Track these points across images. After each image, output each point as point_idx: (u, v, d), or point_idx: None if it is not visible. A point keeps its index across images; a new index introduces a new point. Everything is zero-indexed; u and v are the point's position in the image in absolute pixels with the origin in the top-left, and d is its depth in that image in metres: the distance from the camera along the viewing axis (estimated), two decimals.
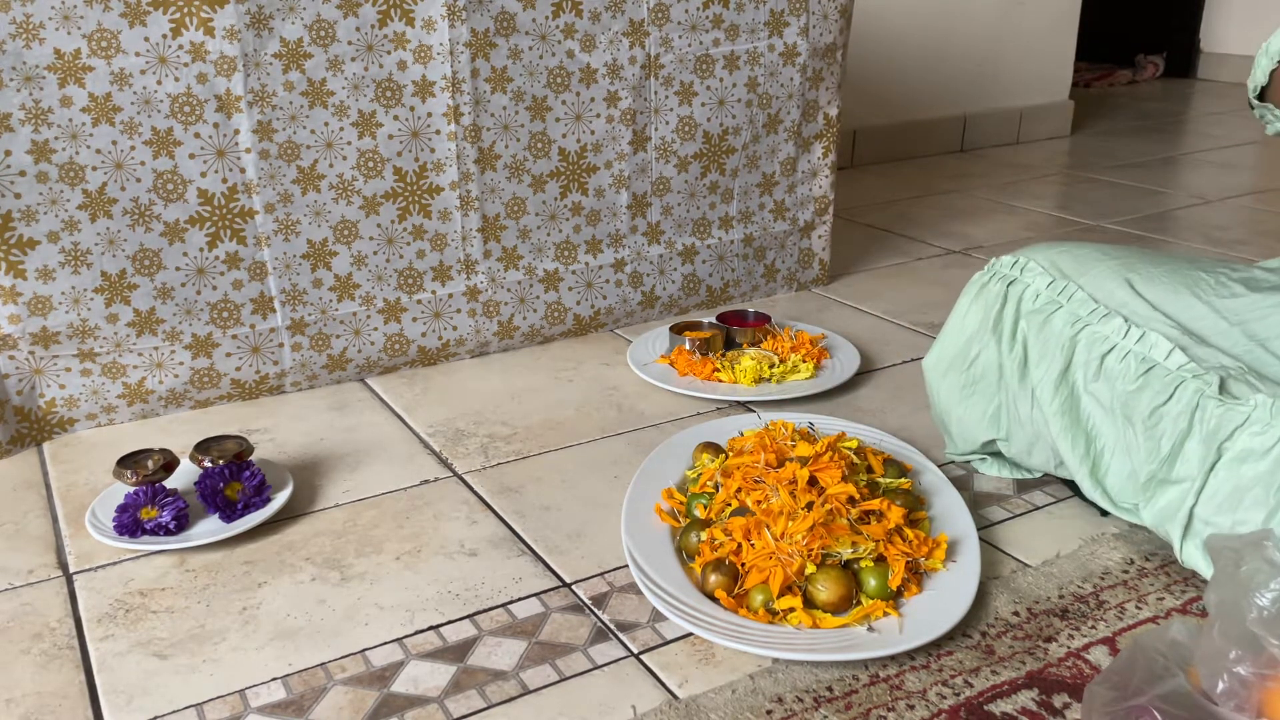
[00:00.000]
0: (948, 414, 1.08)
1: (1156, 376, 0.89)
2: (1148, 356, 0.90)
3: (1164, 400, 0.88)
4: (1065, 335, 0.95)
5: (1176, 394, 0.87)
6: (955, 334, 1.06)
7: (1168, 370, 0.88)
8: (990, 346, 1.02)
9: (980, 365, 1.03)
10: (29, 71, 1.06)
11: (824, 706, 0.76)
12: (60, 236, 1.12)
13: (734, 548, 0.88)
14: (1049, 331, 0.97)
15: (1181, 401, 0.87)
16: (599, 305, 1.48)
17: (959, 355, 1.05)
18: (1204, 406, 0.86)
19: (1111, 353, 0.92)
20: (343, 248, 1.27)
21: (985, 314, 1.03)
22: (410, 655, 0.83)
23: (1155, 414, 0.88)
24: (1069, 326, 0.95)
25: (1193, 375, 0.87)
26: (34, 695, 0.79)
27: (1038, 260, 1.01)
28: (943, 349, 1.08)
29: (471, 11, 1.24)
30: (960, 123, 2.75)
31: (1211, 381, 0.86)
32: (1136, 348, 0.91)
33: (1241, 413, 0.83)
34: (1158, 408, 0.88)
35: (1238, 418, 0.83)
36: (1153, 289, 0.96)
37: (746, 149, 1.51)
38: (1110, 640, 0.83)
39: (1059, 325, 0.96)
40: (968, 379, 1.05)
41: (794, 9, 1.46)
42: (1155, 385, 0.88)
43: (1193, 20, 3.95)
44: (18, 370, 1.16)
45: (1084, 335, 0.94)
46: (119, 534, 0.97)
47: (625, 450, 1.16)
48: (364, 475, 1.11)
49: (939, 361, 1.08)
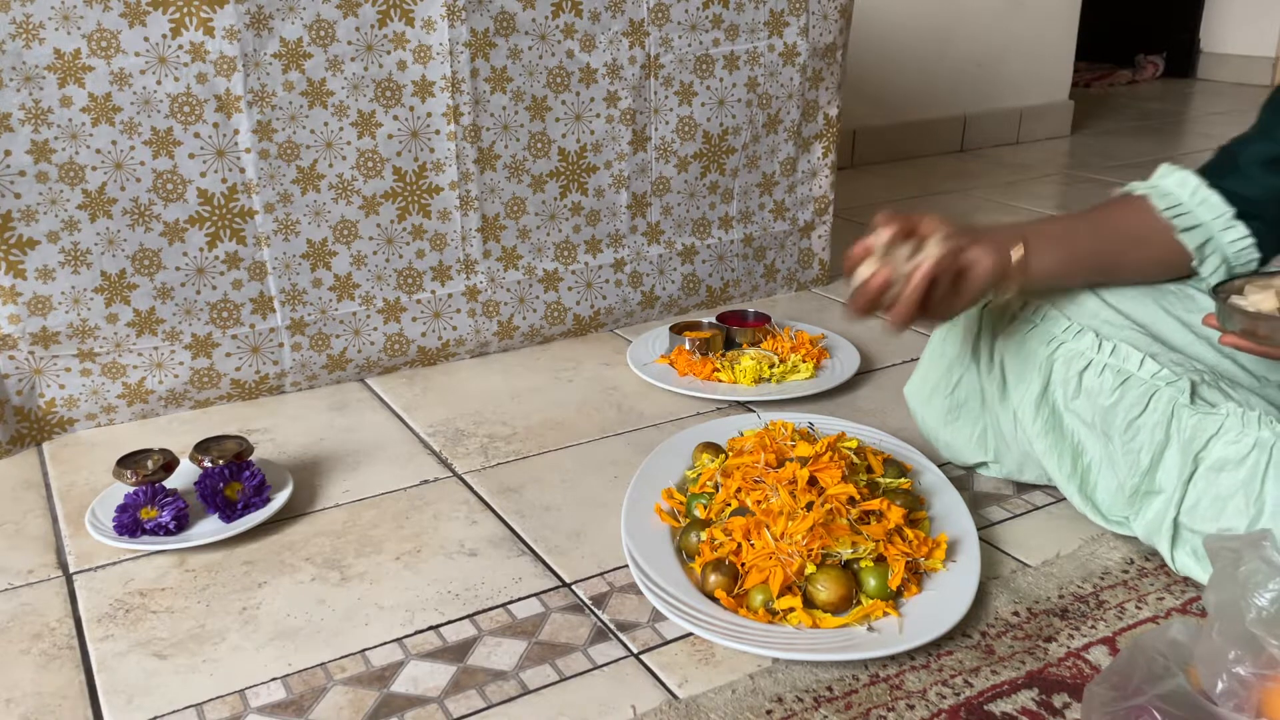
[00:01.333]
0: (934, 437, 1.09)
1: (1132, 388, 0.89)
2: (1121, 369, 0.90)
3: (1140, 412, 0.88)
4: (1041, 355, 0.96)
5: (1151, 404, 0.88)
6: (935, 360, 1.07)
7: (1142, 380, 0.89)
8: (971, 371, 1.03)
9: (963, 390, 1.05)
10: (29, 71, 1.06)
11: (824, 706, 0.76)
12: (60, 236, 1.12)
13: (734, 548, 0.88)
14: (1025, 352, 0.97)
15: (1157, 411, 0.87)
16: (599, 305, 1.48)
17: (941, 381, 1.06)
18: (1179, 415, 0.86)
19: (1088, 369, 0.92)
20: (342, 248, 1.27)
21: (963, 339, 1.04)
22: (410, 655, 0.83)
23: (1132, 427, 0.89)
24: (1044, 346, 0.96)
25: (1166, 383, 0.88)
26: (34, 695, 0.79)
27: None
28: (923, 376, 1.09)
29: (471, 11, 1.24)
30: (960, 123, 2.75)
31: (1184, 389, 0.87)
32: (1110, 361, 0.91)
33: (1215, 421, 0.84)
34: (1134, 420, 0.89)
35: (1211, 426, 0.84)
36: (1121, 299, 0.96)
37: (746, 149, 1.51)
38: (1110, 640, 0.83)
39: (1034, 345, 0.96)
40: (951, 404, 1.06)
41: (794, 9, 1.46)
42: (1131, 397, 0.89)
43: (1193, 20, 3.95)
44: (17, 370, 1.16)
45: (1060, 353, 0.94)
46: (119, 534, 0.97)
47: (625, 450, 1.16)
48: (364, 475, 1.11)
49: (920, 389, 1.09)
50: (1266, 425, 0.82)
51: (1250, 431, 0.82)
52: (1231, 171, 0.94)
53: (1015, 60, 2.78)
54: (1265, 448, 0.82)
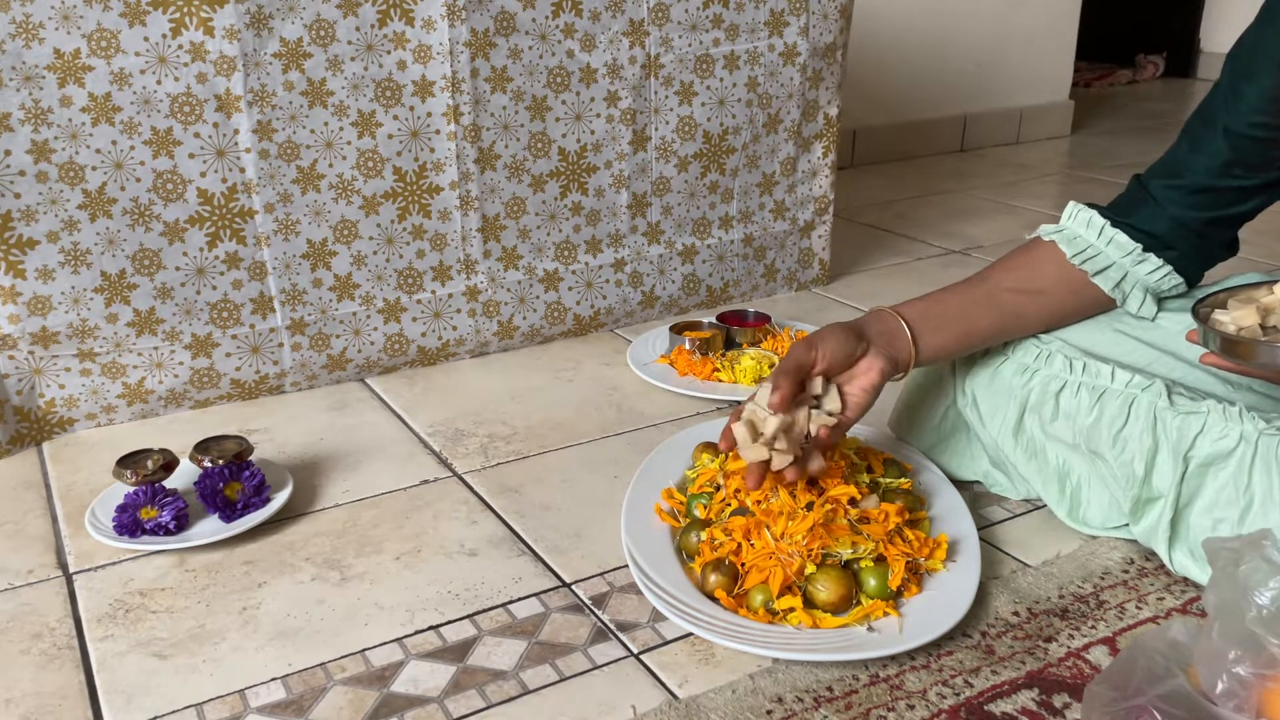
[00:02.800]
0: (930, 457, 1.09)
1: (1110, 401, 0.90)
2: (1095, 385, 0.92)
3: (1123, 423, 0.89)
4: (1016, 384, 0.97)
5: (1133, 412, 0.89)
6: (915, 391, 1.09)
7: (1118, 392, 0.90)
8: (954, 405, 1.04)
9: (949, 422, 1.06)
10: (29, 71, 1.06)
11: (824, 706, 0.76)
12: (60, 236, 1.12)
13: (734, 548, 0.88)
14: (998, 384, 0.98)
15: (1140, 419, 0.88)
16: (599, 305, 1.48)
17: (927, 412, 1.07)
18: (1162, 419, 0.87)
19: (1064, 390, 0.94)
20: (342, 248, 1.27)
21: (940, 375, 1.05)
22: (410, 655, 0.83)
23: (1119, 439, 0.89)
24: (1018, 375, 0.97)
25: (1142, 389, 0.89)
26: (34, 695, 0.79)
27: None
28: (906, 410, 1.10)
29: (471, 11, 1.24)
30: (960, 123, 2.75)
31: (1160, 392, 0.88)
32: (1084, 379, 0.93)
33: (1198, 419, 0.85)
34: (1118, 432, 0.89)
35: (1195, 425, 0.85)
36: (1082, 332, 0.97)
37: (746, 149, 1.51)
38: (1110, 640, 0.83)
39: (1008, 375, 0.98)
40: (939, 435, 1.07)
41: (794, 9, 1.46)
42: (1110, 410, 0.90)
43: (1193, 20, 3.95)
44: (17, 370, 1.16)
45: (1036, 380, 0.95)
46: (119, 534, 0.97)
47: (625, 450, 1.16)
48: (364, 475, 1.11)
49: (901, 422, 1.11)
50: (1249, 419, 0.84)
51: (1234, 426, 0.84)
52: (1142, 204, 0.94)
53: (1015, 60, 2.78)
54: (1250, 441, 0.83)
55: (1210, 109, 0.90)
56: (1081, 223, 0.96)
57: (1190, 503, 0.86)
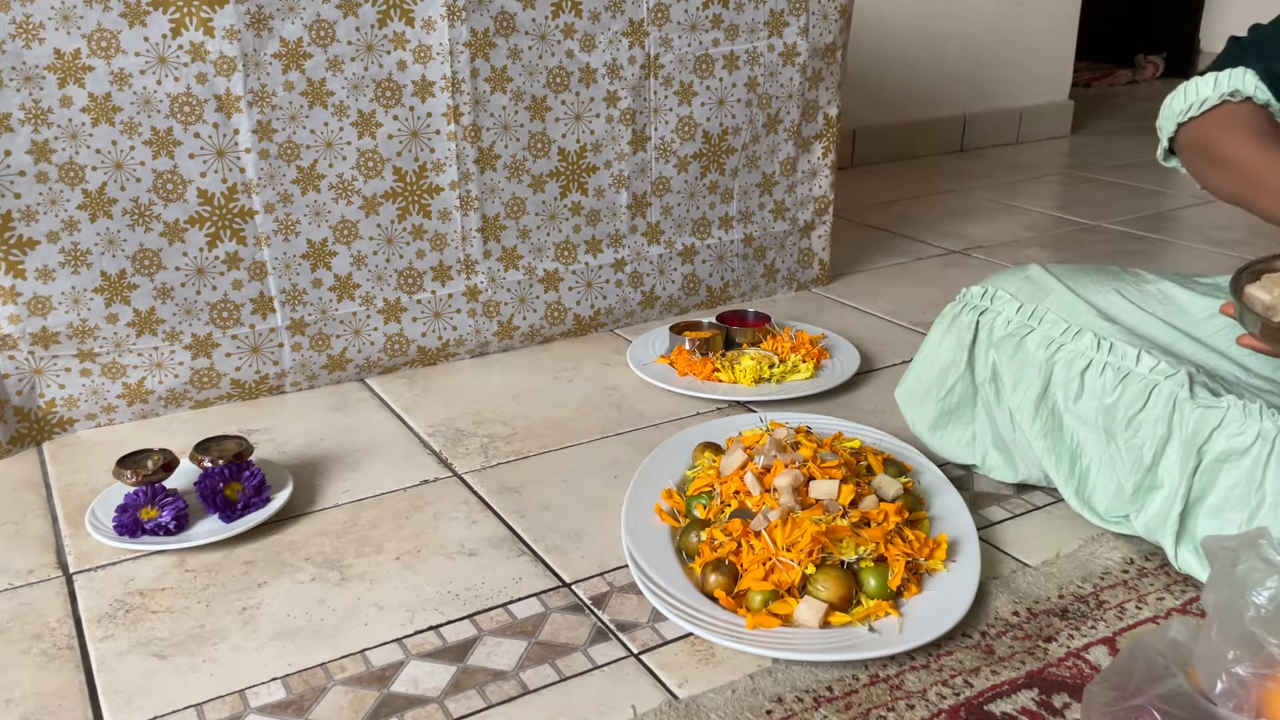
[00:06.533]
0: (924, 438, 1.09)
1: (1132, 384, 0.90)
2: (1120, 365, 0.91)
3: (1140, 407, 0.89)
4: (1040, 358, 0.96)
5: (1151, 399, 0.89)
6: (929, 364, 1.08)
7: (1141, 375, 0.90)
8: (966, 377, 1.03)
9: (956, 395, 1.05)
10: (29, 71, 1.06)
11: (824, 706, 0.76)
12: (60, 236, 1.12)
13: (734, 548, 0.88)
14: (1023, 355, 0.98)
15: (1158, 406, 0.88)
16: (599, 305, 1.48)
17: (934, 385, 1.06)
18: (1180, 409, 0.87)
19: (1089, 368, 0.93)
20: (342, 248, 1.27)
21: (958, 345, 1.04)
22: (410, 655, 0.83)
23: (1133, 423, 0.89)
24: (1043, 349, 0.96)
25: (1165, 377, 0.89)
26: (34, 695, 0.79)
27: (1005, 288, 1.02)
28: (917, 379, 1.09)
29: (471, 11, 1.24)
30: (960, 123, 2.75)
31: (1183, 382, 0.87)
32: (1110, 359, 0.92)
33: (1217, 414, 0.85)
34: (1134, 415, 0.89)
35: (1214, 419, 0.85)
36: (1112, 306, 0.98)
37: (746, 149, 1.51)
38: (1110, 640, 0.83)
39: (1032, 348, 0.97)
40: (943, 409, 1.06)
41: (794, 9, 1.46)
42: (1131, 393, 0.90)
43: (1193, 20, 3.95)
44: (17, 370, 1.16)
45: (1061, 355, 0.95)
46: (119, 534, 0.97)
47: (625, 450, 1.16)
48: (364, 475, 1.11)
49: (913, 392, 1.10)
50: (1268, 417, 0.83)
51: (1253, 423, 0.83)
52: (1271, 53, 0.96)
53: (1015, 60, 2.78)
54: (1268, 439, 0.82)
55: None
56: (1250, 86, 0.97)
57: (1201, 499, 0.86)
